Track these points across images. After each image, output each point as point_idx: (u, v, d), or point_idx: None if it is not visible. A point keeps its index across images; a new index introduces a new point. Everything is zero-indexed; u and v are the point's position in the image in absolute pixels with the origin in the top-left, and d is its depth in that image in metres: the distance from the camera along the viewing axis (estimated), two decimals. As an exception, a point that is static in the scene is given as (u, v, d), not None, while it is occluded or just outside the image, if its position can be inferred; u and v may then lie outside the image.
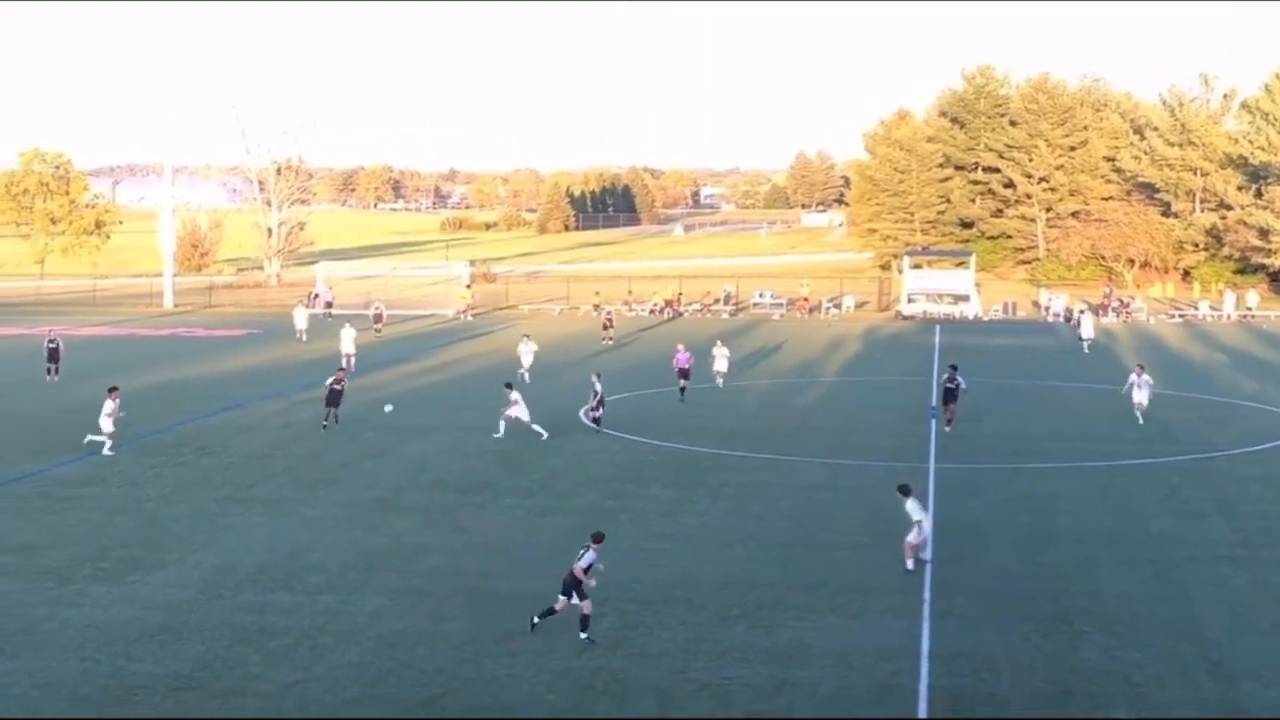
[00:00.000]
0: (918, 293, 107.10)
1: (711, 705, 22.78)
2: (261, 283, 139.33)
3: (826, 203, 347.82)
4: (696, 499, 38.84)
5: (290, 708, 22.57)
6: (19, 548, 32.77)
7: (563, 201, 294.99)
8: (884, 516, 36.26)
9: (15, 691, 23.28)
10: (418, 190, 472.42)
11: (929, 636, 26.41)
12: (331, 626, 26.89)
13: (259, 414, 53.77)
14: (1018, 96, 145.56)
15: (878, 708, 22.67)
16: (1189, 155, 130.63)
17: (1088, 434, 49.83)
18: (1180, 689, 23.72)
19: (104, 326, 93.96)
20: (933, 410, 53.65)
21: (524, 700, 22.97)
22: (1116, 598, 29.18)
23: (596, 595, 29.01)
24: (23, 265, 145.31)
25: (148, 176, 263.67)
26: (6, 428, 49.99)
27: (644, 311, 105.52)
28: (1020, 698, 23.24)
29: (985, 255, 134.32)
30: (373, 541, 33.70)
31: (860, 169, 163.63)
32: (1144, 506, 37.81)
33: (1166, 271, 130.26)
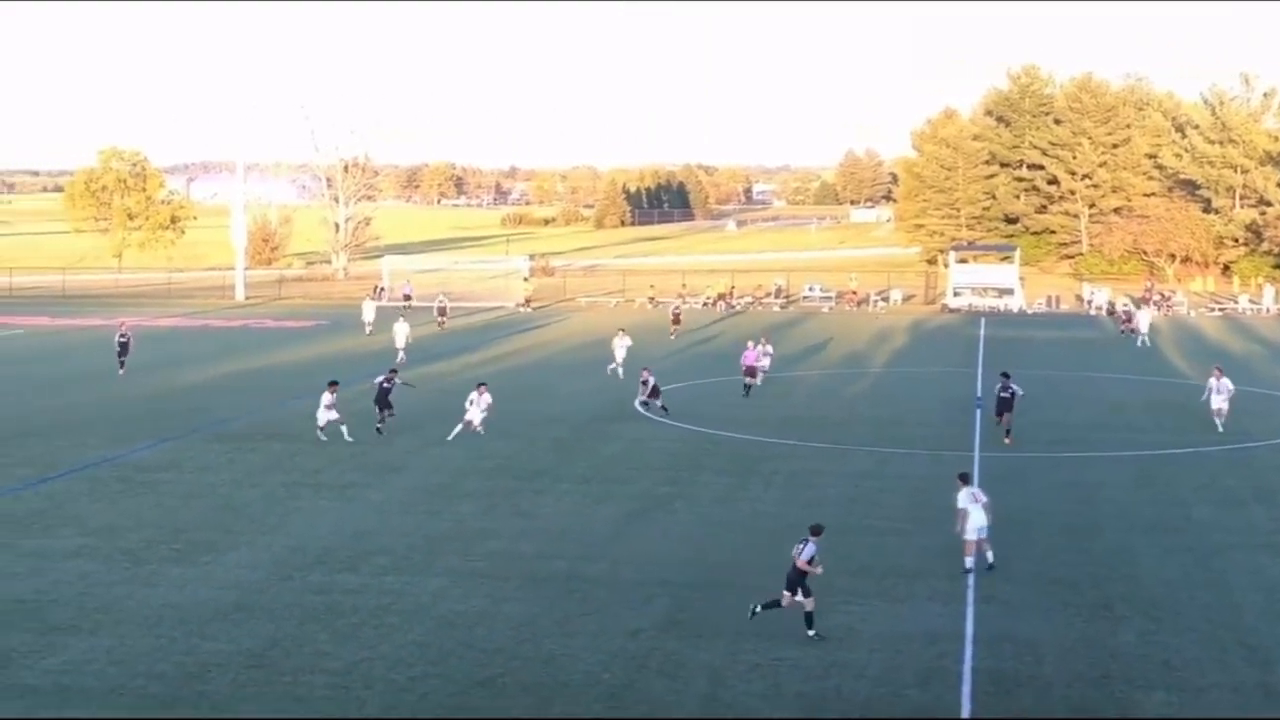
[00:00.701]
0: (963, 286, 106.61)
1: (762, 685, 22.79)
2: (329, 276, 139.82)
3: (875, 199, 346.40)
4: (749, 486, 38.83)
5: (356, 684, 22.71)
6: (98, 529, 33.08)
7: (619, 198, 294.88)
8: (929, 504, 36.20)
9: (94, 667, 23.51)
10: (479, 187, 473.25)
11: (973, 621, 26.33)
12: (396, 607, 27.03)
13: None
14: (1062, 95, 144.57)
15: (923, 690, 22.63)
16: (1229, 153, 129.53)
17: (1129, 424, 49.55)
18: (1217, 673, 23.58)
19: (178, 318, 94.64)
20: (978, 401, 53.45)
21: (580, 679, 23.03)
22: (1156, 584, 29.02)
23: (651, 577, 29.11)
24: (101, 259, 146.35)
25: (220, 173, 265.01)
26: (86, 414, 50.42)
27: (698, 304, 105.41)
28: (1062, 680, 23.14)
29: (1029, 250, 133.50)
30: (435, 525, 33.84)
31: (908, 166, 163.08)
32: (1184, 495, 37.58)
33: (1207, 266, 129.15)
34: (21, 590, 28.07)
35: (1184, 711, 21.74)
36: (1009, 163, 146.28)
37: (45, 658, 23.98)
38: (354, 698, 22.16)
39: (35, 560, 30.29)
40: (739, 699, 22.20)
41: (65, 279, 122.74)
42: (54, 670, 23.38)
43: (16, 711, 21.49)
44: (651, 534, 33.08)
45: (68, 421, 48.87)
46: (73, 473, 39.92)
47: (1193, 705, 22.00)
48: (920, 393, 57.90)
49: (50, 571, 29.43)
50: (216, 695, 22.26)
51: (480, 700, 22.10)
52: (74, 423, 48.56)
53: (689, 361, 68.17)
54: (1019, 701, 22.12)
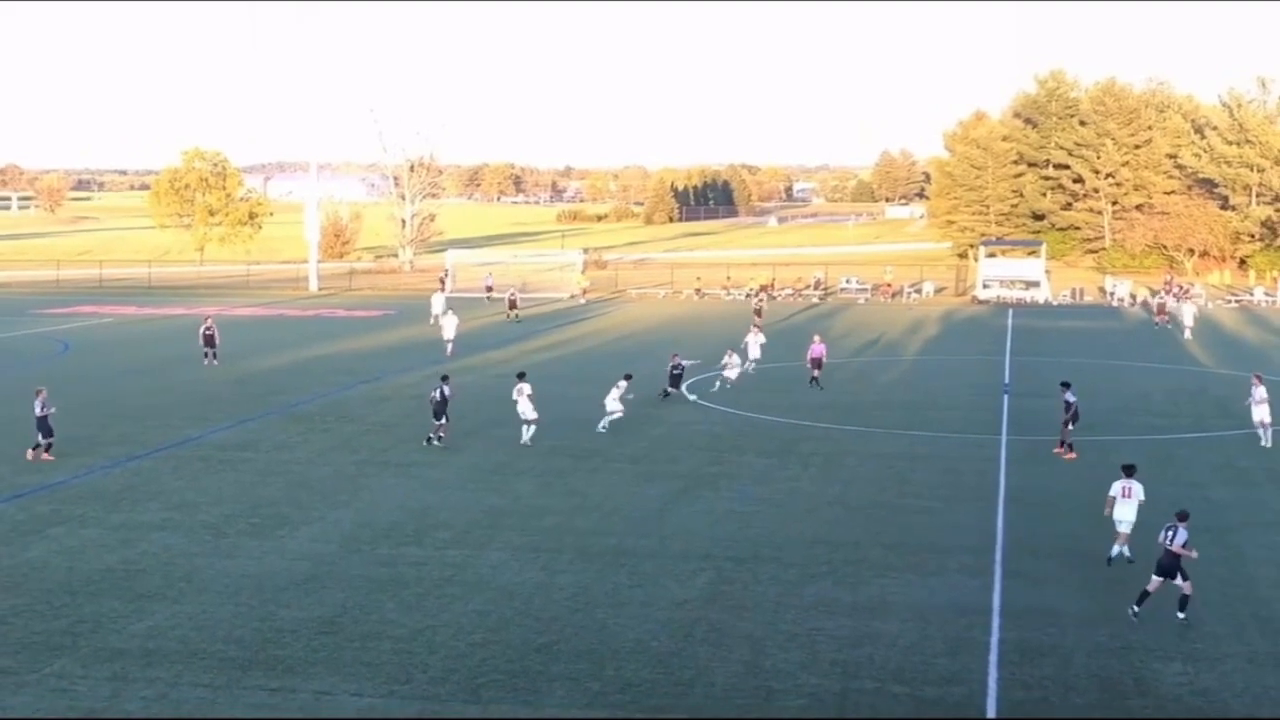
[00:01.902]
0: (992, 279, 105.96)
1: (800, 654, 22.78)
2: (396, 269, 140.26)
3: (908, 196, 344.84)
4: (787, 466, 38.77)
5: (420, 650, 22.84)
6: (181, 505, 33.36)
7: (667, 195, 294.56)
8: (959, 483, 36.17)
9: (178, 632, 23.74)
10: (536, 185, 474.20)
11: (1000, 593, 26.25)
12: (457, 578, 27.16)
13: (393, 386, 54.27)
14: (1087, 99, 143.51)
15: (951, 659, 22.58)
16: (1246, 153, 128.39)
17: (1149, 409, 49.21)
18: (1233, 644, 23.43)
19: (256, 308, 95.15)
20: (1006, 387, 53.20)
21: (630, 647, 23.08)
22: (1174, 560, 28.80)
23: (696, 551, 29.11)
24: (184, 252, 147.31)
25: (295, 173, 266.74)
26: (169, 398, 50.80)
27: (740, 296, 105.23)
28: (1083, 650, 23.04)
29: (1055, 245, 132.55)
30: (494, 502, 33.95)
31: (940, 166, 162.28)
32: (1201, 476, 37.30)
33: (1224, 260, 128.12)
34: (111, 560, 28.37)
35: (1200, 681, 21.61)
36: (1036, 162, 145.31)
37: (133, 623, 24.24)
38: (418, 662, 22.29)
39: (124, 533, 30.60)
40: (778, 666, 22.20)
41: (151, 271, 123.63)
42: (140, 634, 23.62)
43: (106, 672, 21.72)
44: (696, 511, 33.09)
45: (153, 404, 49.28)
46: (158, 451, 40.26)
47: (1209, 675, 21.87)
48: (951, 379, 57.64)
49: (137, 543, 29.73)
50: (290, 659, 22.44)
51: (536, 665, 22.18)
52: (159, 405, 48.97)
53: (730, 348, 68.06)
54: (1043, 670, 22.04)
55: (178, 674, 21.70)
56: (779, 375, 57.58)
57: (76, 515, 32.17)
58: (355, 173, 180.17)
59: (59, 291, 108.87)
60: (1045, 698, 20.92)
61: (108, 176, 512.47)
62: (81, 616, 24.59)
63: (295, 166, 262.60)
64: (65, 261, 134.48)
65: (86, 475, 36.75)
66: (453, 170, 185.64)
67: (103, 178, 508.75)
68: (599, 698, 20.80)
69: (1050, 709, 20.47)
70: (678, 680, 21.54)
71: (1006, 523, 31.73)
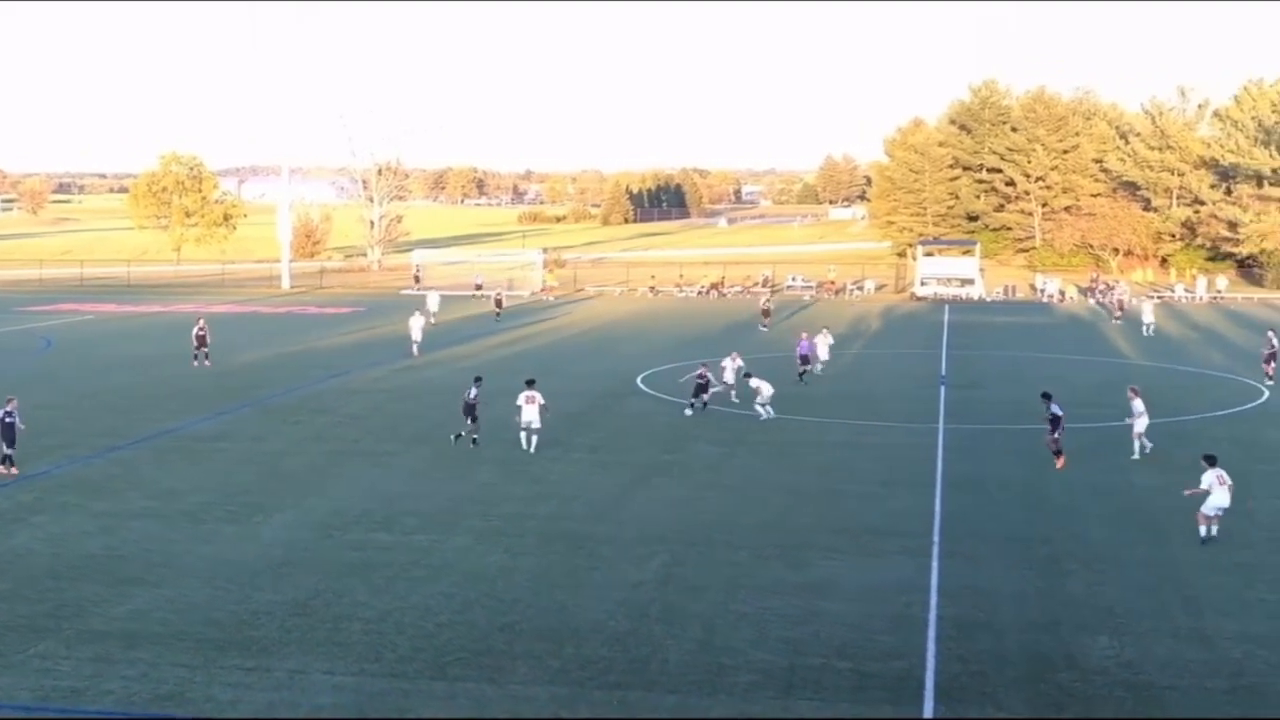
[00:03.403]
0: (930, 277, 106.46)
1: (750, 632, 22.82)
2: (365, 268, 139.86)
3: (851, 199, 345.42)
4: (738, 455, 38.84)
5: (389, 630, 22.77)
6: (160, 493, 33.14)
7: (623, 197, 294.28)
8: (899, 470, 36.33)
9: (157, 615, 23.59)
10: (499, 188, 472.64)
11: (938, 573, 26.37)
12: (424, 562, 27.09)
13: (363, 380, 54.06)
14: (1018, 106, 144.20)
15: (893, 634, 22.67)
16: (1167, 158, 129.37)
17: (1079, 399, 49.43)
18: (1154, 619, 23.61)
19: (231, 305, 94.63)
20: (943, 379, 53.47)
21: (589, 626, 23.08)
22: (1101, 541, 29.04)
23: (652, 535, 29.10)
24: (162, 252, 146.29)
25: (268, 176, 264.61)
26: (149, 391, 50.47)
27: (693, 293, 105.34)
28: (1016, 626, 23.18)
29: (988, 244, 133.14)
30: (459, 489, 33.88)
31: (880, 170, 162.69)
32: (1126, 463, 37.55)
33: (1147, 259, 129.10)
34: (93, 547, 28.17)
35: (1125, 654, 21.79)
36: (970, 166, 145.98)
37: (114, 606, 24.08)
38: (387, 642, 22.22)
39: (106, 520, 30.38)
40: (729, 644, 22.24)
41: (130, 270, 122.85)
42: (122, 617, 23.46)
43: (89, 654, 21.56)
44: (652, 497, 33.11)
45: (133, 397, 48.95)
46: (138, 443, 39.98)
47: (1133, 649, 22.03)
48: (892, 371, 57.88)
49: (119, 530, 29.52)
50: (265, 640, 22.32)
51: (499, 644, 22.15)
52: (139, 399, 48.64)
53: (683, 344, 68.13)
54: (978, 645, 22.16)
55: (158, 655, 21.56)
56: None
57: (60, 504, 31.91)
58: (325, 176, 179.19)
59: (42, 290, 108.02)
60: (981, 671, 21.03)
61: (88, 180, 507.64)
62: (64, 600, 24.40)
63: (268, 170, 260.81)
64: (47, 261, 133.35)
65: (69, 465, 36.45)
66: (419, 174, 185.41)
67: (83, 181, 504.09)
68: (559, 674, 20.79)
69: (985, 681, 20.59)
70: (634, 658, 21.56)
71: (944, 507, 31.88)
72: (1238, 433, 42.63)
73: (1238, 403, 49.00)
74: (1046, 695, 20.11)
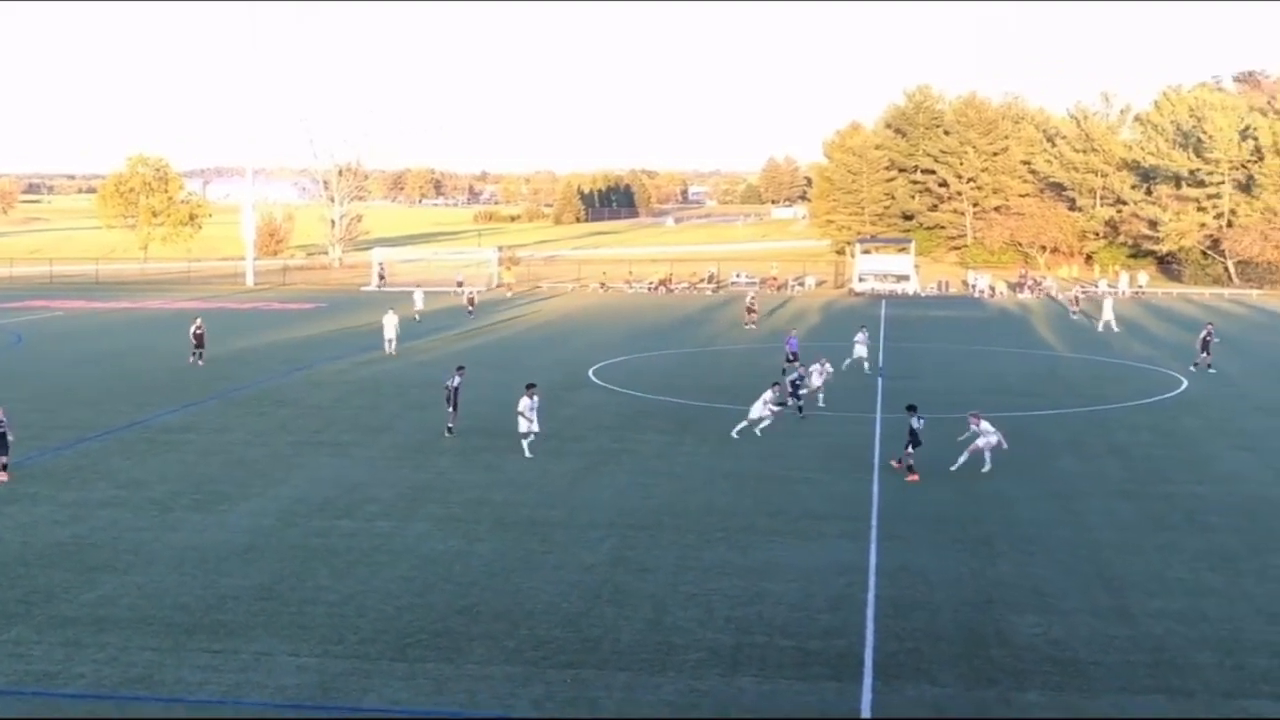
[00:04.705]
0: (867, 273, 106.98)
1: (697, 611, 22.87)
2: (326, 265, 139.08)
3: (792, 199, 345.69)
4: (684, 442, 38.89)
5: (351, 613, 22.68)
6: (128, 483, 32.86)
7: (574, 197, 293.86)
8: (838, 457, 36.48)
9: (126, 601, 23.39)
10: (455, 188, 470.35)
11: (876, 555, 26.50)
12: (385, 547, 26.99)
13: (325, 373, 53.77)
14: (950, 111, 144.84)
15: (833, 614, 22.77)
16: (1092, 160, 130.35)
17: (1007, 389, 49.90)
18: (1080, 598, 23.83)
19: (197, 301, 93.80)
20: (880, 370, 53.68)
21: (543, 608, 23.06)
22: (1029, 524, 29.26)
23: (603, 520, 29.11)
24: (129, 251, 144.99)
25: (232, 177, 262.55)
26: (117, 385, 50.02)
27: (642, 289, 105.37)
28: (950, 605, 23.34)
29: (923, 242, 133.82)
30: (418, 477, 33.77)
31: (820, 171, 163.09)
32: (1052, 449, 37.86)
33: (1072, 255, 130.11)
34: (63, 535, 27.88)
35: (1052, 632, 21.98)
36: (906, 168, 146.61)
37: (84, 592, 23.85)
38: (350, 624, 22.12)
39: (75, 509, 30.08)
40: (678, 623, 22.28)
41: (98, 268, 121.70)
42: (91, 603, 23.25)
43: (60, 638, 21.36)
44: (602, 484, 33.11)
45: (102, 391, 48.50)
46: (107, 434, 39.62)
47: (1059, 626, 22.23)
48: (832, 363, 58.03)
49: (87, 519, 29.24)
50: (232, 623, 22.19)
51: (458, 625, 22.10)
52: (107, 392, 48.20)
53: (631, 337, 68.13)
54: (914, 624, 22.29)
55: (127, 639, 21.39)
56: (678, 359, 57.70)
57: (30, 494, 31.56)
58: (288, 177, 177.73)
59: (12, 287, 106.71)
60: (916, 648, 21.16)
61: (56, 180, 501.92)
62: (35, 587, 24.15)
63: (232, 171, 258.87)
64: (17, 259, 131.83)
65: (39, 457, 36.05)
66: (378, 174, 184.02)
67: (52, 181, 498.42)
68: (515, 654, 20.77)
69: (921, 658, 20.73)
70: (586, 638, 21.56)
71: (881, 492, 32.05)
72: (1157, 420, 43.08)
73: (1157, 392, 49.50)
74: (979, 670, 20.26)
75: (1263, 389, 50.66)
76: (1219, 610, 23.20)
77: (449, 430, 39.37)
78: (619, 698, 19.15)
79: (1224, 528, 29.01)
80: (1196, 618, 22.75)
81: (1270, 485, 33.48)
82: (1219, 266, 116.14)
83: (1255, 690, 19.62)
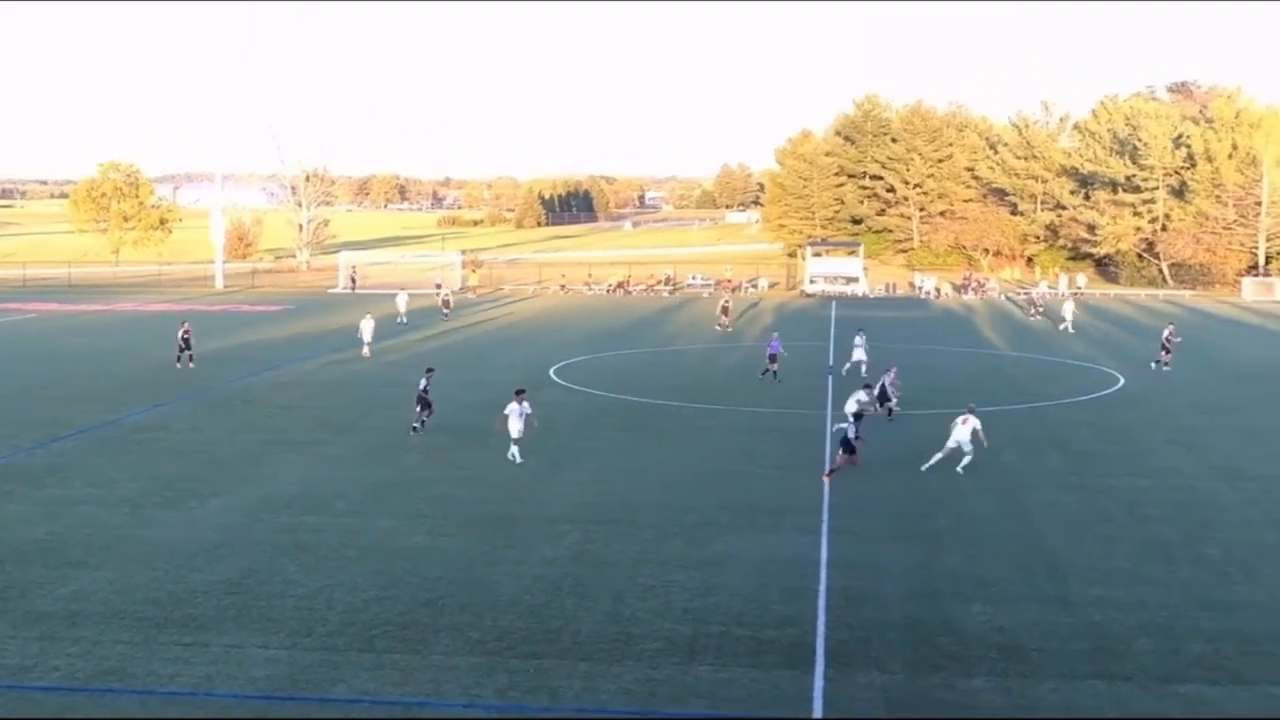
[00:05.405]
0: (818, 275, 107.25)
1: (655, 603, 22.87)
2: (294, 268, 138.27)
3: (746, 204, 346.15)
4: (643, 440, 38.88)
5: (320, 606, 22.55)
6: (101, 481, 32.56)
7: (536, 203, 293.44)
8: (791, 453, 36.55)
9: (100, 596, 23.18)
10: (419, 194, 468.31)
11: (828, 548, 26.56)
12: (353, 543, 26.84)
13: (293, 373, 53.47)
14: (897, 119, 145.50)
15: (787, 604, 22.82)
16: (1032, 166, 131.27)
17: (953, 387, 50.07)
18: (1024, 587, 23.98)
19: (168, 304, 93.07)
20: (830, 369, 53.84)
21: (506, 600, 23.01)
22: (975, 517, 29.41)
23: (564, 516, 29.05)
24: (101, 254, 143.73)
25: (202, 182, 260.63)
26: (90, 385, 49.54)
27: (601, 291, 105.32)
28: (899, 596, 23.43)
29: (871, 245, 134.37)
30: (385, 475, 33.61)
31: (772, 177, 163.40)
32: (995, 444, 37.82)
33: (1014, 258, 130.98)
34: (38, 532, 27.58)
35: (997, 619, 22.10)
36: (855, 174, 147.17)
37: (58, 588, 23.62)
38: (318, 617, 22.00)
39: (49, 507, 29.78)
40: (636, 614, 22.27)
41: (71, 272, 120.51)
42: (65, 598, 23.02)
43: (34, 633, 21.14)
44: (564, 480, 33.05)
45: (75, 391, 48.03)
46: (80, 434, 39.24)
47: (1004, 614, 22.35)
48: (784, 362, 58.15)
49: (62, 516, 28.95)
50: (203, 617, 22.02)
51: (423, 618, 22.02)
52: (80, 392, 47.74)
53: (591, 338, 68.07)
54: (864, 614, 22.36)
55: (100, 633, 21.19)
56: (637, 359, 57.70)
57: (4, 492, 31.20)
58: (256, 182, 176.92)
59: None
60: (866, 637, 21.23)
61: (29, 186, 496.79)
62: (10, 583, 23.89)
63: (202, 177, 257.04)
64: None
65: (13, 456, 35.67)
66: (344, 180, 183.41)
67: (25, 186, 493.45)
68: (479, 645, 20.71)
69: (871, 646, 20.79)
70: (548, 629, 21.52)
71: (832, 487, 32.10)
72: (1096, 417, 43.40)
73: (1096, 389, 49.88)
74: (926, 658, 20.35)
75: (1197, 387, 51.14)
76: (1156, 598, 23.40)
77: (413, 429, 39.08)
78: (579, 686, 19.12)
79: (1161, 519, 29.27)
80: (1135, 605, 22.94)
81: (1204, 479, 33.81)
82: (1154, 269, 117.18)
83: (1190, 675, 19.80)
